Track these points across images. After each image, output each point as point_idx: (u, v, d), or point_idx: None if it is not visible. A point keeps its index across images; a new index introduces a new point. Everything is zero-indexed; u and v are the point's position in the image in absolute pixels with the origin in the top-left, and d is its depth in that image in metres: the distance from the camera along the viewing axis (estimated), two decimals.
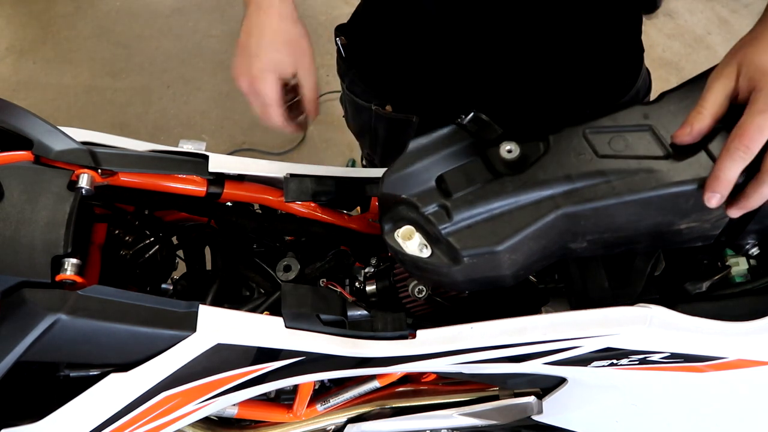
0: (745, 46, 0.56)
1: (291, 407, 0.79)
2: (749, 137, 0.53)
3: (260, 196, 0.79)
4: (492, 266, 0.60)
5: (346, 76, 1.00)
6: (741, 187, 0.56)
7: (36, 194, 0.61)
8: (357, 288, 0.78)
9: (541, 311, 0.71)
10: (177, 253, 0.83)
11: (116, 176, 0.71)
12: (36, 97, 2.31)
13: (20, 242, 0.57)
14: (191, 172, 0.73)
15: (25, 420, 0.56)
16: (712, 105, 0.56)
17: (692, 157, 0.59)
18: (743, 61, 0.55)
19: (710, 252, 0.69)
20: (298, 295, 0.64)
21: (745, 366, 0.66)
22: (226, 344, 0.60)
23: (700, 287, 0.66)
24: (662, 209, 0.59)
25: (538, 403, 0.80)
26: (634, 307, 0.63)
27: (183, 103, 2.31)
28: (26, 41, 2.49)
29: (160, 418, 0.63)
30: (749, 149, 0.53)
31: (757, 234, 0.66)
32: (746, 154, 0.54)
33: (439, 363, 0.66)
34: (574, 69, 0.86)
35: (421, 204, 0.61)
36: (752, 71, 0.54)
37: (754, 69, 0.54)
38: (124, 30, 2.54)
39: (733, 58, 0.56)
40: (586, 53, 0.85)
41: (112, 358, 0.58)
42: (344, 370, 0.68)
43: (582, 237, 0.62)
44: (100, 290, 0.57)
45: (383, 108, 0.95)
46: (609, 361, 0.67)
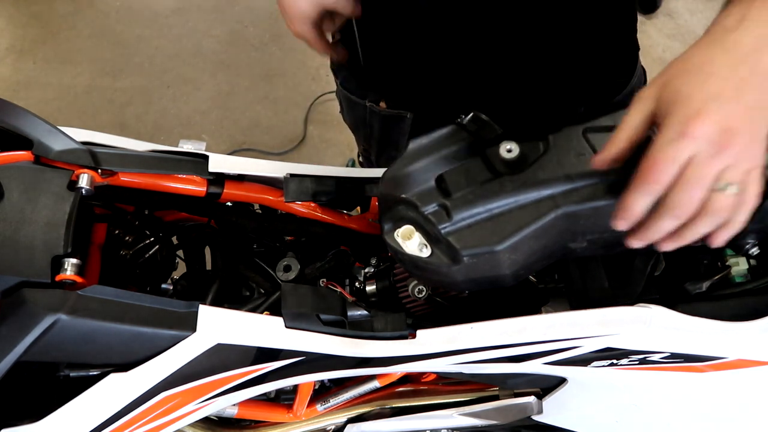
0: (670, 69, 0.52)
1: (291, 407, 0.79)
2: (659, 170, 0.49)
3: (260, 196, 0.79)
4: (492, 266, 0.60)
5: (339, 73, 1.00)
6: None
7: (36, 194, 0.61)
8: (357, 288, 0.78)
9: (541, 311, 0.71)
10: (177, 253, 0.83)
11: (116, 176, 0.71)
12: (36, 97, 2.31)
13: (20, 242, 0.57)
14: (191, 172, 0.73)
15: (25, 420, 0.56)
16: (629, 129, 0.52)
17: None
18: (664, 84, 0.51)
19: (710, 252, 0.69)
20: (298, 295, 0.64)
21: (745, 366, 0.66)
22: (226, 344, 0.60)
23: (700, 287, 0.66)
24: None
25: (538, 403, 0.80)
26: (634, 307, 0.63)
27: (183, 103, 2.31)
28: (26, 41, 2.49)
29: (160, 418, 0.63)
30: (659, 182, 0.50)
31: (757, 234, 0.66)
32: (657, 186, 0.50)
33: (439, 363, 0.66)
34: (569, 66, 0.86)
35: (421, 204, 0.61)
36: (669, 96, 0.50)
37: (671, 94, 0.50)
38: (124, 30, 2.54)
39: (658, 80, 0.52)
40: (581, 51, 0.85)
41: (112, 358, 0.58)
42: (344, 370, 0.68)
43: (582, 237, 0.62)
44: (100, 290, 0.57)
45: (377, 104, 0.95)
46: (609, 361, 0.67)
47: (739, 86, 0.48)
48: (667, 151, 0.48)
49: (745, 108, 0.49)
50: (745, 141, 0.49)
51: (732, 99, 0.48)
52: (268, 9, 2.60)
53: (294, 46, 2.46)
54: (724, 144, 0.48)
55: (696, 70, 0.50)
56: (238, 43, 2.50)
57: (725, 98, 0.48)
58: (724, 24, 0.51)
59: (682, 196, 0.49)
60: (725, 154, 0.48)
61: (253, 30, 2.55)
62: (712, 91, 0.48)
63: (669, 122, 0.49)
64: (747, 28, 0.49)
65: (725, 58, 0.49)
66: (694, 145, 0.48)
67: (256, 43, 2.50)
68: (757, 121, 0.49)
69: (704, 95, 0.48)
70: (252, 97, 2.34)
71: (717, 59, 0.49)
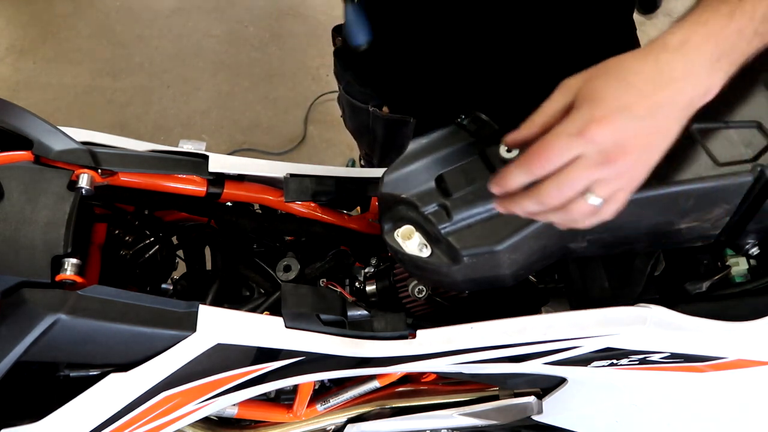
0: (602, 65, 0.51)
1: (291, 407, 0.79)
2: (546, 158, 0.48)
3: (260, 196, 0.79)
4: (492, 266, 0.60)
5: (342, 78, 1.00)
6: None
7: (36, 194, 0.61)
8: (357, 288, 0.78)
9: (541, 311, 0.71)
10: (177, 253, 0.83)
11: (116, 176, 0.71)
12: (36, 97, 2.31)
13: (20, 242, 0.57)
14: (191, 172, 0.73)
15: (25, 420, 0.56)
16: (544, 116, 0.51)
17: (693, 156, 0.59)
18: (588, 79, 0.50)
19: (710, 252, 0.69)
20: (298, 295, 0.64)
21: (745, 366, 0.66)
22: (226, 344, 0.60)
23: (700, 287, 0.66)
24: (662, 209, 0.59)
25: (538, 403, 0.80)
26: (634, 307, 0.63)
27: (183, 103, 2.31)
28: (26, 41, 2.49)
29: (160, 418, 0.63)
30: (542, 168, 0.49)
31: (757, 234, 0.66)
32: (539, 171, 0.49)
33: (439, 363, 0.66)
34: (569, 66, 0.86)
35: (421, 204, 0.61)
36: (587, 91, 0.49)
37: (589, 90, 0.49)
38: (124, 30, 2.54)
39: (586, 73, 0.51)
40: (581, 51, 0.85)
41: (112, 358, 0.58)
42: (344, 370, 0.68)
43: (582, 236, 0.62)
44: (100, 290, 0.57)
45: (380, 109, 0.95)
46: (609, 361, 0.67)
47: (652, 108, 0.48)
48: (561, 142, 0.48)
49: (648, 131, 0.48)
50: (633, 162, 0.49)
51: (640, 118, 0.47)
52: (268, 9, 2.60)
53: (294, 46, 2.46)
54: (613, 158, 0.48)
55: (620, 76, 0.49)
56: (238, 43, 2.50)
57: (634, 114, 0.47)
58: (665, 41, 0.49)
59: (554, 190, 0.49)
60: (609, 168, 0.48)
61: (253, 30, 2.55)
62: (625, 103, 0.47)
63: (575, 116, 0.48)
64: (684, 54, 0.48)
65: (651, 75, 0.48)
66: (586, 147, 0.47)
67: (256, 43, 2.50)
68: (653, 147, 0.50)
69: (616, 103, 0.47)
70: (252, 97, 2.34)
71: (644, 73, 0.48)
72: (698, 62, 0.48)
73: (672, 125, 0.49)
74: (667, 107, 0.48)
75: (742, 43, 0.49)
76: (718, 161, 0.58)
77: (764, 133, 0.60)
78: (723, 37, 0.48)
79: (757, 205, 0.61)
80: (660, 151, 0.50)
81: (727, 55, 0.49)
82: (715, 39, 0.48)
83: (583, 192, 0.50)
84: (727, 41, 0.48)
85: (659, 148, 0.50)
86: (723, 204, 0.60)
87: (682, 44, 0.48)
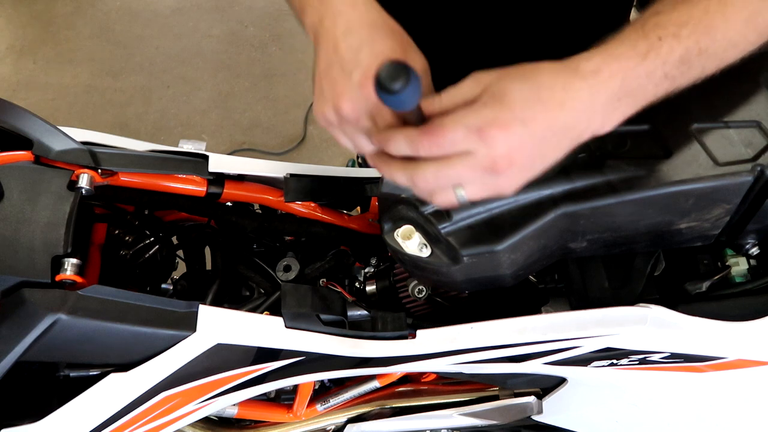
0: (519, 67, 0.50)
1: (291, 407, 0.79)
2: (438, 143, 0.47)
3: (260, 196, 0.79)
4: (492, 266, 0.60)
5: None
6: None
7: (36, 194, 0.61)
8: (357, 288, 0.78)
9: (541, 311, 0.71)
10: (177, 253, 0.83)
11: (116, 176, 0.71)
12: (36, 97, 2.31)
13: (20, 242, 0.57)
14: (191, 172, 0.73)
15: (25, 420, 0.56)
16: (449, 100, 0.49)
17: (692, 156, 0.59)
18: (502, 77, 0.49)
19: (710, 252, 0.69)
20: (298, 295, 0.64)
21: (745, 366, 0.66)
22: (226, 344, 0.60)
23: (700, 287, 0.66)
24: (662, 209, 0.59)
25: (538, 403, 0.80)
26: (634, 307, 0.63)
27: (183, 103, 2.31)
28: (26, 41, 2.49)
29: (160, 418, 0.63)
30: (430, 151, 0.47)
31: (757, 234, 0.66)
32: (424, 152, 0.48)
33: (439, 363, 0.66)
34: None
35: (421, 203, 0.61)
36: (498, 88, 0.48)
37: (500, 88, 0.48)
38: (124, 30, 2.54)
39: (502, 71, 0.49)
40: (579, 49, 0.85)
41: (112, 358, 0.58)
42: (344, 370, 0.68)
43: (582, 236, 0.62)
44: (100, 290, 0.57)
45: None
46: (609, 361, 0.67)
47: (549, 129, 0.47)
48: (458, 133, 0.46)
49: (538, 151, 0.48)
50: (513, 175, 0.49)
51: (537, 136, 0.47)
52: (268, 9, 2.60)
53: (294, 46, 2.46)
54: (499, 167, 0.47)
55: (534, 86, 0.48)
56: (238, 43, 2.50)
57: (533, 131, 0.47)
58: (579, 65, 0.49)
59: (431, 175, 0.48)
60: (491, 175, 0.48)
61: (253, 30, 2.55)
62: (530, 116, 0.47)
63: (479, 110, 0.47)
64: (590, 86, 0.48)
65: (559, 97, 0.47)
66: (479, 146, 0.46)
67: (256, 43, 2.50)
68: (535, 167, 0.50)
69: (521, 114, 0.46)
70: (252, 97, 2.34)
71: (554, 91, 0.48)
72: (601, 97, 0.48)
73: (557, 150, 0.50)
74: (560, 131, 0.48)
75: (649, 86, 0.49)
76: (718, 161, 0.58)
77: (764, 133, 0.60)
78: (632, 77, 0.48)
79: (757, 204, 0.61)
80: (538, 170, 0.50)
81: (630, 95, 0.49)
82: (623, 77, 0.48)
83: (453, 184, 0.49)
84: (634, 81, 0.48)
85: (538, 168, 0.50)
86: (723, 204, 0.60)
87: (593, 74, 0.48)
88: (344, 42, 0.53)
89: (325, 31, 0.55)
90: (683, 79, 0.50)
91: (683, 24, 0.49)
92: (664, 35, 0.48)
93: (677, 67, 0.49)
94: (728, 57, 0.51)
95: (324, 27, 0.55)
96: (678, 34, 0.48)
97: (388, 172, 0.51)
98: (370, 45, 0.52)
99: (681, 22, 0.49)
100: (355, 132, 0.54)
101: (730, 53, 0.51)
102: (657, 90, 0.50)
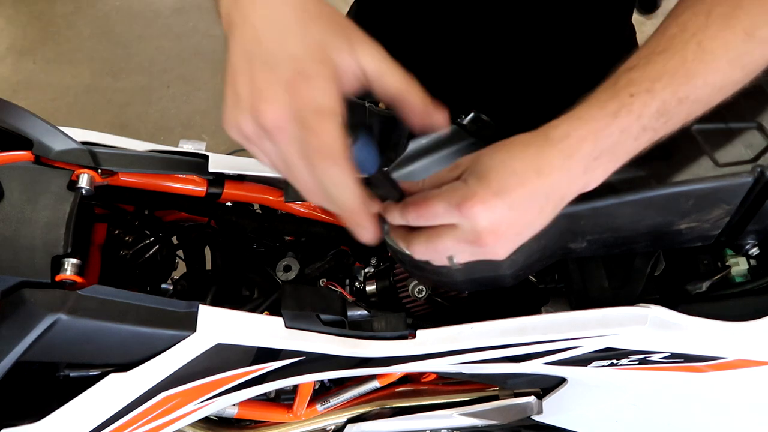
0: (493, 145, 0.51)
1: (291, 407, 0.79)
2: (422, 215, 0.50)
3: (260, 196, 0.79)
4: (491, 266, 0.60)
5: None
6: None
7: (36, 194, 0.61)
8: (357, 288, 0.78)
9: (541, 311, 0.71)
10: (177, 253, 0.83)
11: (116, 176, 0.71)
12: (36, 97, 2.31)
13: (20, 242, 0.57)
14: (191, 172, 0.73)
15: (25, 420, 0.56)
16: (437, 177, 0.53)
17: (692, 157, 0.59)
18: (478, 155, 0.51)
19: (710, 252, 0.69)
20: (298, 295, 0.64)
21: (745, 366, 0.66)
22: (226, 344, 0.60)
23: (700, 287, 0.66)
24: (662, 209, 0.59)
25: (538, 403, 0.80)
26: (634, 307, 0.63)
27: (183, 103, 2.31)
28: (26, 41, 2.49)
29: (160, 418, 0.63)
30: (417, 222, 0.51)
31: (757, 234, 0.66)
32: (413, 222, 0.51)
33: (439, 363, 0.66)
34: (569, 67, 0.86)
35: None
36: (474, 166, 0.50)
37: (476, 165, 0.49)
38: (124, 30, 2.54)
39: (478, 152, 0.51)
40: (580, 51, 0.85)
41: (112, 358, 0.58)
42: (344, 370, 0.68)
43: (582, 237, 0.62)
44: (100, 290, 0.57)
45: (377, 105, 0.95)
46: (609, 361, 0.67)
47: (526, 197, 0.48)
48: (438, 207, 0.49)
49: (521, 219, 0.49)
50: (500, 244, 0.50)
51: (515, 206, 0.48)
52: None
53: None
54: (482, 239, 0.49)
55: (506, 160, 0.49)
56: None
57: (510, 201, 0.48)
58: (548, 132, 0.49)
59: (421, 244, 0.52)
60: (476, 246, 0.50)
61: None
62: (504, 187, 0.47)
63: (459, 186, 0.49)
64: (561, 150, 0.48)
65: (532, 165, 0.48)
66: (461, 220, 0.48)
67: None
68: (522, 234, 0.51)
69: (497, 187, 0.47)
70: None
71: (526, 161, 0.48)
72: (575, 159, 0.48)
73: (543, 215, 0.50)
74: (541, 197, 0.49)
75: (628, 141, 0.49)
76: (718, 162, 0.58)
77: (764, 134, 0.60)
78: (604, 136, 0.48)
79: (757, 205, 0.61)
80: (527, 236, 0.51)
81: (608, 152, 0.49)
82: (594, 138, 0.48)
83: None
84: (608, 140, 0.48)
85: (527, 235, 0.51)
86: (723, 205, 0.60)
87: (562, 139, 0.48)
88: (267, 30, 0.43)
89: (241, 17, 0.44)
90: (667, 128, 0.50)
91: (657, 78, 0.48)
92: (637, 92, 0.48)
93: (656, 119, 0.48)
94: (715, 99, 0.51)
95: (240, 12, 0.44)
96: (651, 88, 0.48)
97: (394, 234, 0.55)
98: (302, 33, 0.42)
99: (654, 77, 0.48)
100: (284, 149, 0.43)
101: (716, 96, 0.51)
102: (638, 143, 0.49)
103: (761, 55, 0.50)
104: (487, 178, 0.48)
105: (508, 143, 0.50)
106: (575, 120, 0.49)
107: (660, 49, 0.49)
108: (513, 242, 0.51)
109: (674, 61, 0.48)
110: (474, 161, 0.50)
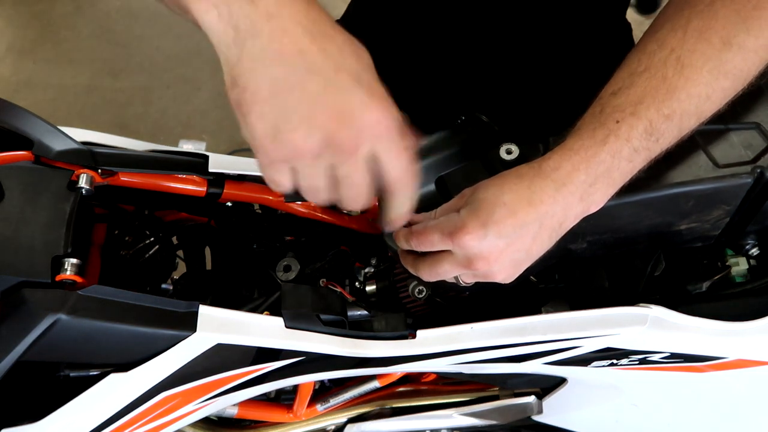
0: (490, 178, 0.54)
1: (291, 407, 0.79)
2: (421, 242, 0.54)
3: (260, 196, 0.79)
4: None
5: None
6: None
7: (36, 194, 0.61)
8: (357, 288, 0.78)
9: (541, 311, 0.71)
10: (177, 253, 0.83)
11: (116, 176, 0.71)
12: (36, 97, 2.31)
13: (20, 242, 0.57)
14: (191, 172, 0.73)
15: (25, 420, 0.56)
16: (442, 208, 0.57)
17: (692, 158, 0.59)
18: (476, 188, 0.54)
19: (710, 252, 0.69)
20: (298, 295, 0.64)
21: (745, 366, 0.66)
22: (226, 344, 0.60)
23: (700, 287, 0.66)
24: (662, 210, 0.59)
25: (538, 403, 0.80)
26: (634, 307, 0.63)
27: (183, 103, 2.31)
28: (26, 41, 2.49)
29: (160, 418, 0.63)
30: (418, 248, 0.55)
31: (757, 234, 0.66)
32: (416, 248, 0.55)
33: (439, 363, 0.66)
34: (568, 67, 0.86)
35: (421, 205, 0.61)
36: (470, 197, 0.53)
37: (472, 197, 0.53)
38: (124, 30, 2.53)
39: (477, 184, 0.54)
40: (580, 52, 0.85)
41: (112, 358, 0.58)
42: (344, 370, 0.69)
43: (582, 238, 0.62)
44: (100, 290, 0.57)
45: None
46: (609, 361, 0.67)
47: (517, 226, 0.51)
48: (434, 236, 0.53)
49: (513, 248, 0.52)
50: (496, 269, 0.53)
51: (505, 235, 0.51)
52: None
53: None
54: (475, 264, 0.52)
55: (498, 193, 0.51)
56: None
57: (500, 231, 0.50)
58: (540, 166, 0.52)
59: (426, 269, 0.56)
60: (472, 270, 0.53)
61: None
62: (495, 219, 0.50)
63: (453, 217, 0.53)
64: (554, 180, 0.51)
65: (524, 196, 0.51)
66: (454, 248, 0.52)
67: None
68: (518, 261, 0.54)
69: (486, 218, 0.50)
70: None
71: (517, 193, 0.51)
72: (569, 188, 0.50)
73: (538, 242, 0.53)
74: (533, 226, 0.51)
75: (621, 164, 0.50)
76: (718, 163, 0.58)
77: (764, 135, 0.60)
78: (595, 164, 0.50)
79: (756, 206, 0.61)
80: (528, 260, 0.54)
81: (604, 177, 0.50)
82: (586, 166, 0.50)
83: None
84: (600, 166, 0.50)
85: (525, 259, 0.54)
86: (723, 205, 0.60)
87: (554, 171, 0.51)
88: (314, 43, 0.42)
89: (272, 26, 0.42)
90: (660, 145, 0.51)
91: (639, 101, 0.50)
92: (622, 117, 0.50)
93: (646, 139, 0.50)
94: (706, 109, 0.52)
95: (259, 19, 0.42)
96: (635, 111, 0.50)
97: (403, 260, 0.60)
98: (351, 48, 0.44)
99: (637, 100, 0.50)
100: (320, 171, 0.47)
101: (706, 106, 0.52)
102: (633, 164, 0.51)
103: (743, 61, 0.51)
104: (477, 210, 0.51)
105: (504, 176, 0.53)
106: (566, 151, 0.51)
107: (641, 69, 0.51)
108: (512, 266, 0.54)
109: (655, 79, 0.50)
110: (473, 191, 0.54)
